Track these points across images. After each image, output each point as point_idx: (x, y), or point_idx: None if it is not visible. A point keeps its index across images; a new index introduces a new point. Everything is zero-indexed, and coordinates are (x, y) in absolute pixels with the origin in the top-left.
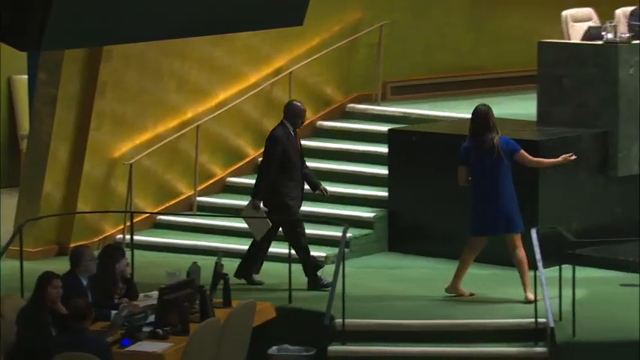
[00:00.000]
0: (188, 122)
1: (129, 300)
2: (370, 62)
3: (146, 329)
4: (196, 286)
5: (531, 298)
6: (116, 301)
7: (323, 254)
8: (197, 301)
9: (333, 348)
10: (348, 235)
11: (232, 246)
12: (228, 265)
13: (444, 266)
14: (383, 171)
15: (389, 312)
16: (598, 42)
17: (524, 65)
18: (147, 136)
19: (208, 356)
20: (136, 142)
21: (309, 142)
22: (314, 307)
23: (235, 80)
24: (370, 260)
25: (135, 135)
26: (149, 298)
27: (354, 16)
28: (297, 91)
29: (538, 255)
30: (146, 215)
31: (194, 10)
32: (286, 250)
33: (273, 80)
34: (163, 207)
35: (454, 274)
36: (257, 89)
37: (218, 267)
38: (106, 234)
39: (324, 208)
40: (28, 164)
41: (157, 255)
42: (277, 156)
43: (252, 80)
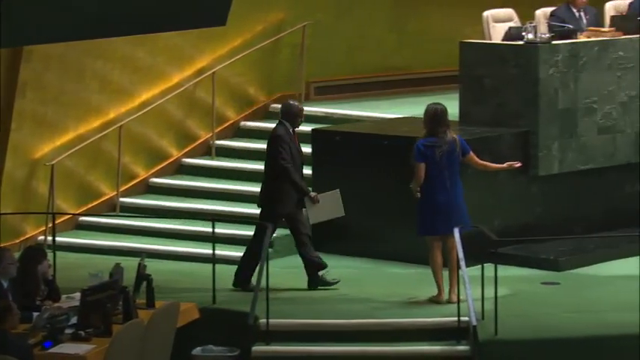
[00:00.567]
0: (110, 123)
1: (51, 302)
2: (293, 62)
3: (68, 331)
4: (119, 288)
5: (454, 299)
6: (38, 303)
7: None
8: (120, 303)
9: (257, 348)
10: (273, 235)
11: (155, 247)
12: (151, 266)
13: (368, 266)
14: (307, 171)
15: (313, 312)
16: (519, 42)
17: (446, 65)
18: (69, 137)
19: (131, 358)
20: (58, 143)
21: (232, 142)
22: (238, 308)
23: (158, 80)
24: (294, 260)
25: (56, 135)
26: (71, 300)
27: (277, 17)
28: (219, 92)
29: (461, 254)
30: (68, 216)
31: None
32: (209, 251)
33: (195, 80)
34: (86, 208)
35: (435, 280)
36: (180, 89)
37: (141, 268)
38: (28, 235)
39: (248, 209)
40: None
41: (79, 256)
42: (287, 152)
43: (174, 80)
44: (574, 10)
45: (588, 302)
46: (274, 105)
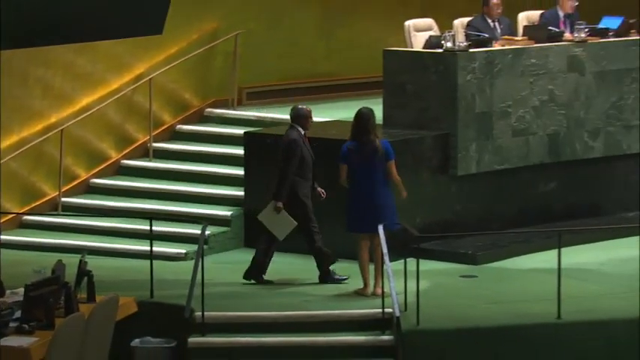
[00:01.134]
0: (53, 126)
1: None
2: (226, 69)
3: (12, 324)
4: (61, 283)
5: (379, 292)
6: None
7: (183, 251)
8: (62, 297)
9: (193, 339)
10: (207, 233)
11: (96, 244)
12: (91, 263)
13: (297, 260)
14: (239, 172)
15: (246, 304)
16: (438, 50)
17: (371, 72)
18: (13, 140)
19: (73, 349)
20: (3, 145)
21: (168, 145)
22: (174, 301)
23: (98, 86)
24: (228, 256)
25: (1, 138)
26: (15, 295)
27: (211, 26)
28: (156, 97)
29: (385, 249)
30: (12, 215)
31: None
32: (147, 248)
33: (134, 86)
34: (29, 207)
35: (362, 275)
36: (118, 95)
37: (82, 264)
38: None
39: (185, 207)
40: None
41: (23, 254)
42: (298, 158)
43: (113, 86)
44: (489, 21)
45: (504, 294)
46: (209, 109)
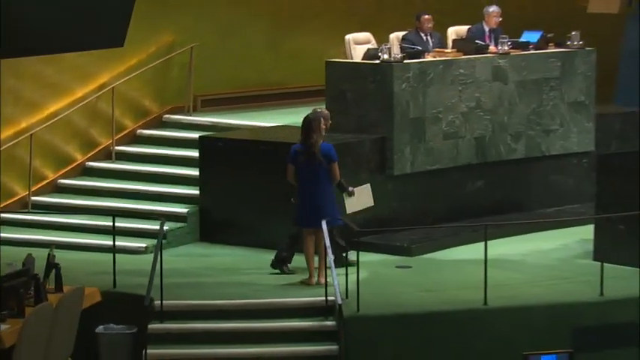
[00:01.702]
0: (23, 131)
1: None
2: (182, 79)
3: None
4: (31, 275)
5: (322, 281)
6: None
7: (143, 245)
8: (32, 288)
9: (153, 326)
10: (165, 228)
11: (63, 239)
12: (59, 256)
13: (248, 253)
14: (194, 172)
15: (202, 293)
16: (376, 61)
17: (315, 81)
18: None
19: (42, 335)
20: None
21: (129, 148)
22: (135, 291)
23: (64, 94)
24: (184, 249)
25: None
26: None
27: (168, 39)
28: (118, 104)
29: (328, 243)
30: None
31: (26, 33)
32: (110, 242)
33: (97, 95)
34: (1, 206)
35: (307, 266)
36: (84, 102)
37: (50, 258)
38: None
39: (144, 205)
40: None
41: None
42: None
43: (79, 94)
44: (422, 35)
45: (436, 282)
46: (166, 115)
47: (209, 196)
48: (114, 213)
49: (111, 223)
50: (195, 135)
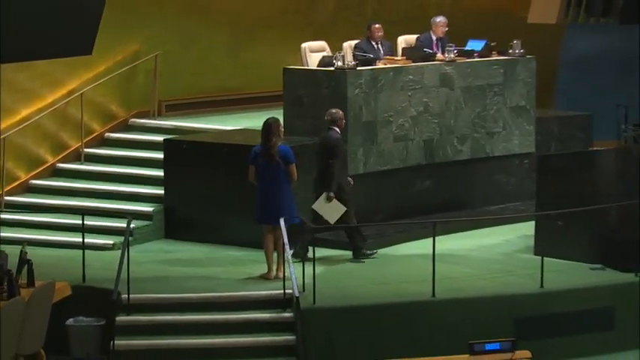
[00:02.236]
0: None
1: None
2: (147, 85)
3: None
4: (4, 270)
5: (280, 275)
6: None
7: (111, 242)
8: (5, 283)
9: (120, 318)
10: (132, 226)
11: (35, 237)
12: (31, 253)
13: (210, 250)
14: (159, 173)
15: (166, 287)
16: (330, 68)
17: (273, 87)
18: None
19: (16, 328)
20: None
21: (98, 150)
22: (104, 286)
23: (36, 100)
24: (150, 246)
25: None
26: None
27: (134, 48)
28: (87, 109)
29: (286, 239)
30: None
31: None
32: (79, 239)
33: (67, 100)
34: None
35: (266, 261)
36: (54, 107)
37: (23, 254)
38: None
39: (112, 204)
40: None
41: None
42: (343, 154)
43: (49, 100)
44: (373, 43)
45: (387, 276)
46: (132, 119)
47: (173, 196)
48: (83, 212)
49: (80, 222)
50: (159, 138)
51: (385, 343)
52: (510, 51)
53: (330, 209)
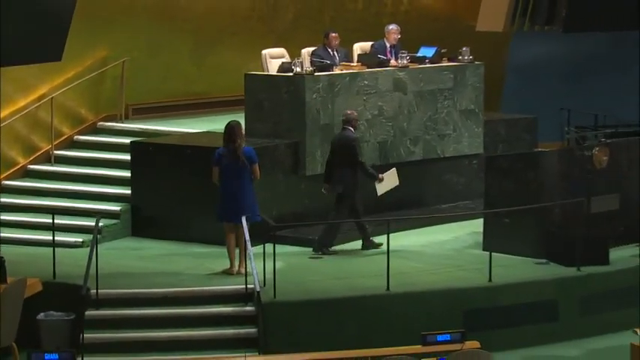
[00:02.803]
0: None
1: None
2: (115, 89)
3: None
4: None
5: (242, 271)
6: None
7: (80, 239)
8: None
9: (89, 313)
10: (100, 224)
11: (7, 235)
12: (3, 250)
13: (175, 247)
14: (127, 174)
15: (134, 283)
16: (289, 74)
17: (235, 91)
18: None
19: None
20: None
21: (68, 152)
22: (73, 281)
23: (7, 104)
24: (117, 243)
25: None
26: None
27: (102, 54)
28: (57, 113)
29: (247, 236)
30: None
31: None
32: (50, 237)
33: (38, 104)
34: None
35: (229, 257)
36: (25, 111)
37: None
38: None
39: (81, 204)
40: None
41: None
42: (361, 150)
43: (21, 104)
44: (329, 50)
45: (344, 271)
46: (101, 123)
47: (140, 195)
48: (53, 211)
49: (51, 220)
50: (127, 140)
51: (342, 335)
52: (460, 57)
53: (388, 183)
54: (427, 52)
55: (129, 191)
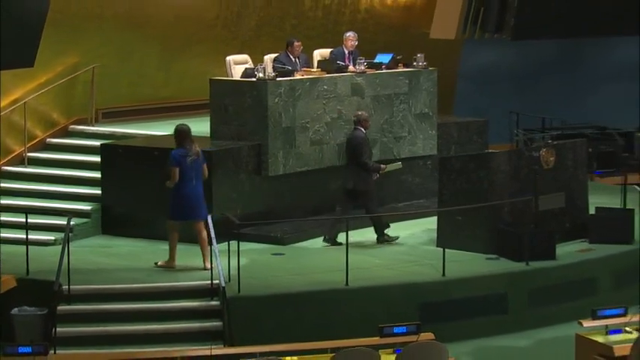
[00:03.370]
0: None
1: None
2: (86, 94)
3: None
4: None
5: (208, 267)
6: None
7: (52, 238)
8: None
9: (62, 307)
10: (72, 223)
11: None
12: None
13: (143, 244)
14: (97, 175)
15: (104, 279)
16: (253, 79)
17: (200, 96)
18: None
19: None
20: None
21: (40, 154)
22: (46, 277)
23: None
24: (88, 241)
25: None
26: None
27: (73, 60)
28: (30, 116)
29: (213, 234)
30: None
31: None
32: (23, 235)
33: (11, 108)
34: None
35: (169, 252)
36: None
37: None
38: None
39: (53, 203)
40: None
41: None
42: (367, 149)
43: None
44: (291, 56)
45: (305, 267)
46: (72, 126)
47: (110, 195)
48: (26, 210)
49: (24, 220)
50: (97, 143)
51: (304, 328)
52: (414, 63)
53: (392, 167)
54: (383, 59)
55: (99, 191)
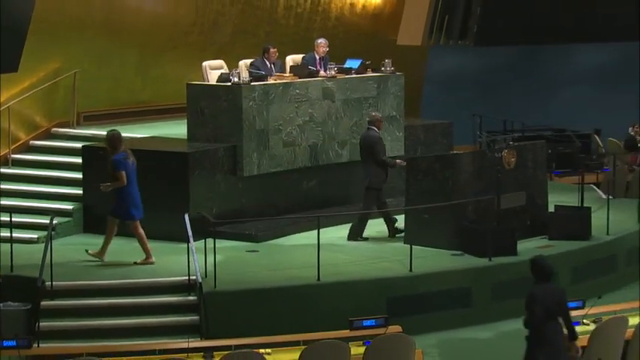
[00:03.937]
0: None
1: None
2: (67, 98)
3: None
4: None
5: (152, 262)
6: None
7: (36, 236)
8: None
9: (45, 303)
10: (54, 222)
11: None
12: None
13: (123, 242)
14: (79, 175)
15: (86, 275)
16: (228, 84)
17: (177, 100)
18: None
19: None
20: None
21: (24, 156)
22: (30, 274)
23: None
24: (70, 239)
25: None
26: None
27: (55, 66)
28: (14, 120)
29: (189, 232)
30: None
31: None
32: (8, 234)
33: None
34: None
35: (103, 245)
36: None
37: None
38: None
39: (37, 203)
40: None
41: None
42: (382, 148)
43: None
44: (267, 62)
45: (279, 263)
46: (55, 129)
47: (91, 195)
48: (11, 210)
49: (8, 219)
50: (78, 145)
51: (277, 322)
52: (382, 69)
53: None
54: (353, 64)
55: (80, 191)
